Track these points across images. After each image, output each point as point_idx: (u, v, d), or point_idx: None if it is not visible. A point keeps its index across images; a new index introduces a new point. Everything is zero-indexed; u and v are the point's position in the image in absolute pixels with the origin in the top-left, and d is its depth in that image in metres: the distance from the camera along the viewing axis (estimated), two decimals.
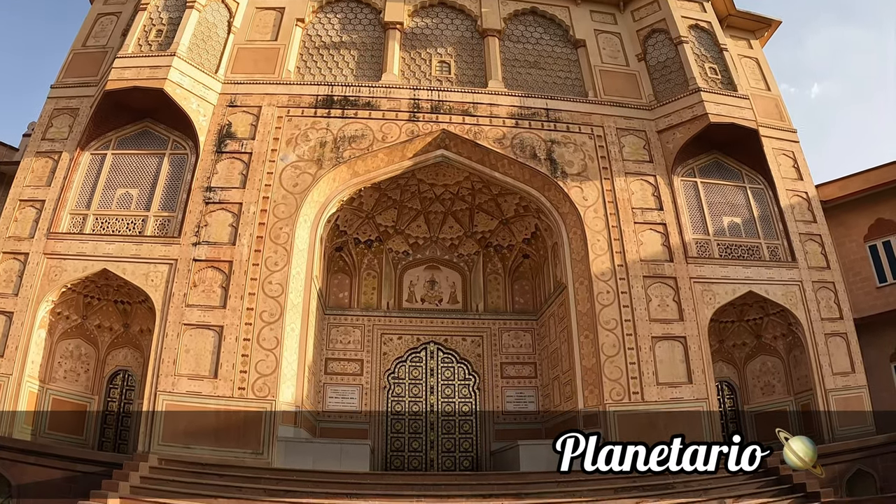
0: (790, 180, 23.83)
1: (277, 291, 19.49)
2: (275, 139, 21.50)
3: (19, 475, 15.78)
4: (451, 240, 26.38)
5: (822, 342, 21.25)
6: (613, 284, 20.79)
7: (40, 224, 19.79)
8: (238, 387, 18.31)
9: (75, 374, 20.26)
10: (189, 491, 15.03)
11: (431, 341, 25.52)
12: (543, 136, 22.71)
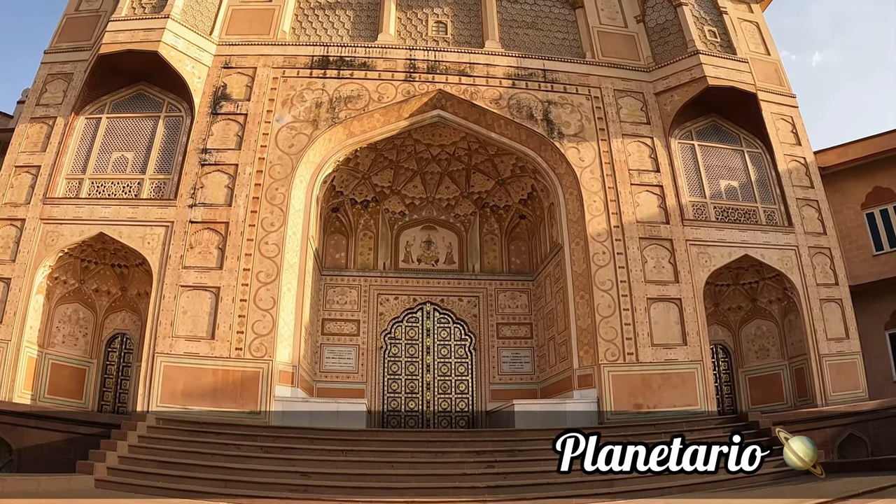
0: (788, 145, 23.70)
1: (274, 252, 19.53)
2: (270, 100, 21.36)
3: (20, 439, 16.02)
4: (447, 200, 26.35)
5: (816, 307, 21.34)
6: (609, 245, 20.83)
7: (36, 190, 19.76)
8: (235, 347, 18.45)
9: (74, 338, 20.37)
10: (186, 449, 15.26)
11: (428, 302, 25.61)
12: (540, 97, 22.58)
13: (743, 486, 13.90)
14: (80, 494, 12.16)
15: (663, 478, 14.13)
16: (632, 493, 13.50)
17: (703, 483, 14.09)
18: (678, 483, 13.99)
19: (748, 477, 14.31)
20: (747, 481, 14.26)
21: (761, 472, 14.55)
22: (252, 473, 14.16)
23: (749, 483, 14.18)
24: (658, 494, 13.56)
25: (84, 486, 13.15)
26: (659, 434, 16.76)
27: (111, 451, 14.49)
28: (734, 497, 12.62)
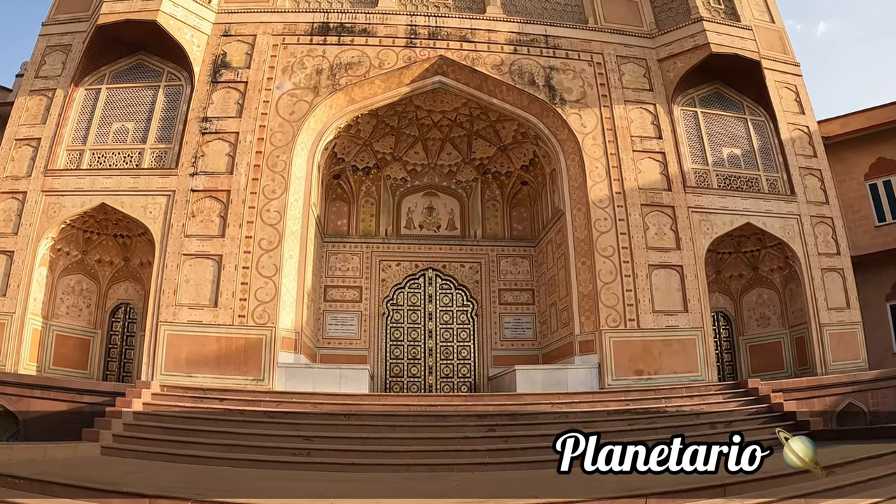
0: (792, 114, 23.51)
1: (276, 219, 19.56)
2: (270, 68, 21.25)
3: (26, 409, 16.19)
4: (449, 166, 26.31)
5: (818, 277, 21.39)
6: (611, 212, 20.82)
7: (37, 162, 19.78)
8: (238, 314, 18.56)
9: (77, 309, 20.53)
10: (191, 415, 15.41)
11: (430, 268, 25.69)
12: (542, 63, 22.41)
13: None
14: (86, 461, 12.31)
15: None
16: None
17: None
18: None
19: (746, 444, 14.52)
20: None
21: (760, 439, 14.72)
22: (256, 438, 14.31)
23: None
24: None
25: (90, 453, 13.33)
26: (659, 399, 16.98)
27: (116, 418, 14.66)
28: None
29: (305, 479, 11.50)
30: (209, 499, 8.83)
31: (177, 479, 10.56)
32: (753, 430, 15.48)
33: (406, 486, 10.93)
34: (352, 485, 10.77)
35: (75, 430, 14.86)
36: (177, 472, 11.68)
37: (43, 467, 10.57)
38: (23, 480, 9.52)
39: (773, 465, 10.92)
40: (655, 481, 9.93)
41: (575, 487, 9.72)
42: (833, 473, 10.35)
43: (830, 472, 10.36)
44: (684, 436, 14.33)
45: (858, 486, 9.91)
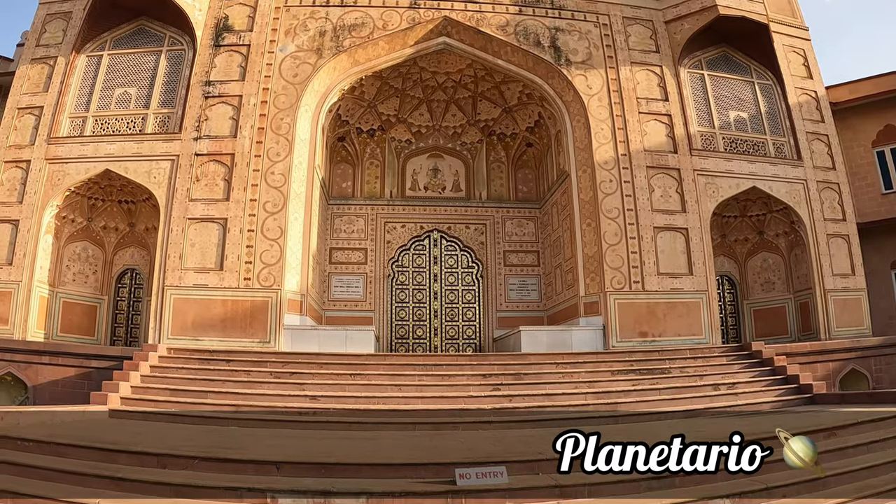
0: (799, 78, 23.26)
1: (280, 182, 19.53)
2: (273, 30, 21.06)
3: (34, 376, 16.40)
4: (453, 128, 26.19)
5: (823, 242, 21.37)
6: (616, 173, 20.73)
7: (40, 130, 19.77)
8: (244, 277, 18.63)
9: (84, 276, 20.65)
10: (198, 377, 15.55)
11: (435, 229, 25.69)
12: (547, 24, 22.18)
13: (745, 413, 14.15)
14: (95, 424, 12.44)
15: (666, 402, 14.47)
16: (636, 417, 13.71)
17: (705, 409, 14.39)
18: (681, 408, 14.26)
19: (749, 405, 14.66)
20: (748, 409, 14.56)
21: (763, 401, 14.92)
22: (262, 398, 14.46)
23: (751, 411, 14.46)
24: (662, 419, 13.76)
25: (98, 416, 13.44)
26: (663, 361, 17.04)
27: (124, 381, 14.77)
28: (738, 421, 12.80)
29: (312, 437, 11.61)
30: (216, 456, 8.94)
31: (184, 438, 10.68)
32: (757, 392, 15.67)
33: (412, 443, 11.03)
34: (358, 443, 10.87)
35: (83, 395, 14.98)
36: (184, 432, 11.81)
37: (52, 430, 10.68)
38: (32, 443, 9.63)
39: (774, 426, 11.04)
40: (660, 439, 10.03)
41: None
42: (834, 436, 10.43)
43: (832, 434, 10.46)
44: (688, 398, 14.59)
45: (859, 449, 9.96)
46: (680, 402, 14.66)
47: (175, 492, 8.04)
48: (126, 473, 8.45)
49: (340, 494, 7.81)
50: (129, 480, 8.28)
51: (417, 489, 7.99)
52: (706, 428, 11.77)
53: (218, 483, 8.13)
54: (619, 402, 14.49)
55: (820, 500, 8.15)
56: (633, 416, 13.79)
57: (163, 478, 8.35)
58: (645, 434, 10.83)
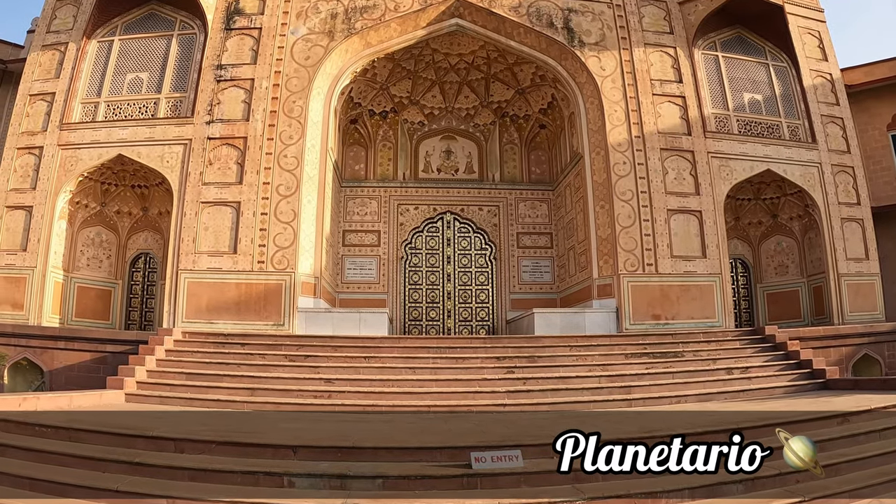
0: (814, 60, 23.04)
1: (293, 164, 19.56)
2: (284, 13, 21.02)
3: (50, 361, 16.59)
4: (466, 110, 26.13)
5: (837, 226, 21.25)
6: (630, 155, 20.65)
7: (52, 116, 19.86)
8: (257, 260, 18.72)
9: (98, 260, 20.82)
10: (213, 360, 15.68)
11: (448, 211, 25.70)
12: (560, 5, 22.01)
13: (757, 398, 14.17)
14: (112, 408, 12.56)
15: (679, 386, 14.51)
16: (649, 401, 13.75)
17: (718, 393, 14.43)
18: (694, 392, 14.30)
19: (762, 390, 14.66)
20: (761, 393, 14.57)
21: (776, 386, 14.92)
22: (277, 381, 14.58)
23: (764, 395, 14.48)
24: (675, 402, 13.83)
25: (115, 400, 13.61)
26: (676, 344, 17.03)
27: (140, 365, 14.90)
28: (751, 405, 12.83)
29: (328, 420, 11.68)
30: (232, 440, 9.01)
31: (200, 422, 10.77)
32: (770, 376, 15.67)
33: (426, 426, 11.09)
34: (373, 426, 10.94)
35: (99, 380, 15.19)
36: (200, 416, 11.92)
37: (69, 415, 10.79)
38: (50, 429, 9.72)
39: (788, 411, 11.05)
40: (674, 424, 10.08)
41: (593, 429, 9.88)
42: (847, 422, 10.42)
43: (845, 420, 10.44)
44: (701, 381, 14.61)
45: (871, 436, 9.94)
46: (693, 385, 14.68)
47: (192, 476, 8.12)
48: (144, 458, 8.53)
49: (357, 478, 7.88)
50: (147, 465, 8.36)
51: (433, 473, 8.04)
52: (718, 412, 11.80)
53: (234, 467, 8.20)
54: (632, 385, 14.49)
55: (833, 486, 8.14)
56: (647, 399, 13.81)
57: (180, 462, 8.43)
58: (657, 419, 10.90)
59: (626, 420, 10.97)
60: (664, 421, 10.57)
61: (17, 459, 8.98)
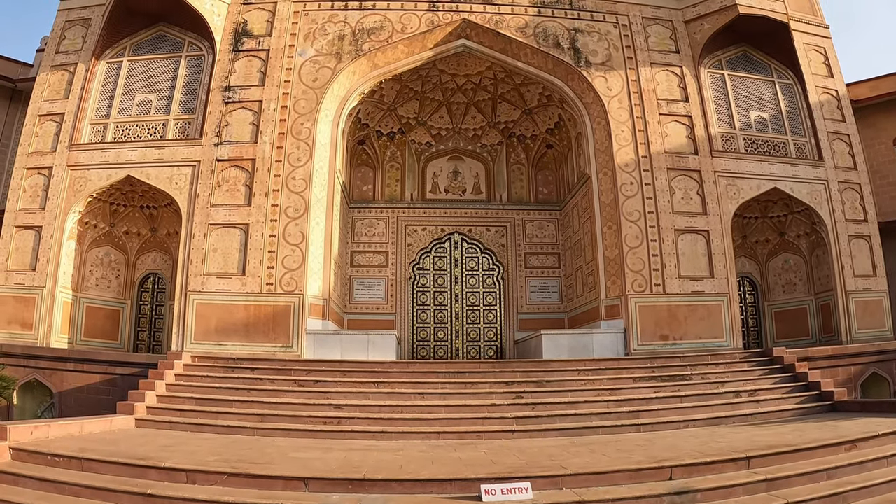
0: (820, 77, 23.11)
1: (301, 187, 19.67)
2: (292, 35, 21.21)
3: (59, 382, 16.71)
4: (473, 130, 26.26)
5: (845, 243, 21.28)
6: (637, 175, 20.71)
7: (61, 137, 20.08)
8: (266, 282, 18.81)
9: (107, 280, 20.95)
10: (222, 385, 15.70)
11: (455, 232, 25.78)
12: (567, 25, 22.15)
13: (766, 422, 14.14)
14: (123, 435, 12.60)
15: (688, 410, 14.51)
16: (657, 425, 13.77)
17: (726, 417, 14.39)
18: (702, 416, 14.29)
19: (770, 413, 14.65)
20: (770, 417, 14.55)
21: (784, 409, 14.91)
22: (287, 407, 14.57)
23: (772, 419, 14.46)
24: (683, 426, 13.82)
25: (125, 426, 13.65)
26: (684, 367, 17.05)
27: (149, 390, 14.95)
28: (759, 430, 12.82)
29: (337, 448, 11.70)
30: (244, 472, 9.05)
31: (211, 451, 10.79)
32: (778, 399, 15.63)
33: (436, 454, 11.08)
34: (384, 454, 10.95)
35: (108, 402, 15.31)
36: (211, 443, 11.94)
37: (81, 443, 10.84)
38: (62, 458, 9.78)
39: (796, 437, 11.07)
40: (682, 452, 10.11)
41: (601, 459, 9.92)
42: (855, 448, 10.43)
43: (853, 447, 10.46)
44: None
45: (880, 462, 9.96)
46: (702, 409, 14.65)
47: None
48: (156, 490, 8.60)
49: None
50: (160, 497, 8.43)
51: None
52: (726, 437, 11.82)
53: (246, 499, 8.27)
54: (640, 409, 14.46)
55: None
56: (655, 424, 13.81)
57: (193, 494, 8.49)
58: (665, 447, 10.91)
59: (635, 448, 10.98)
60: (672, 450, 10.57)
61: (31, 489, 9.10)
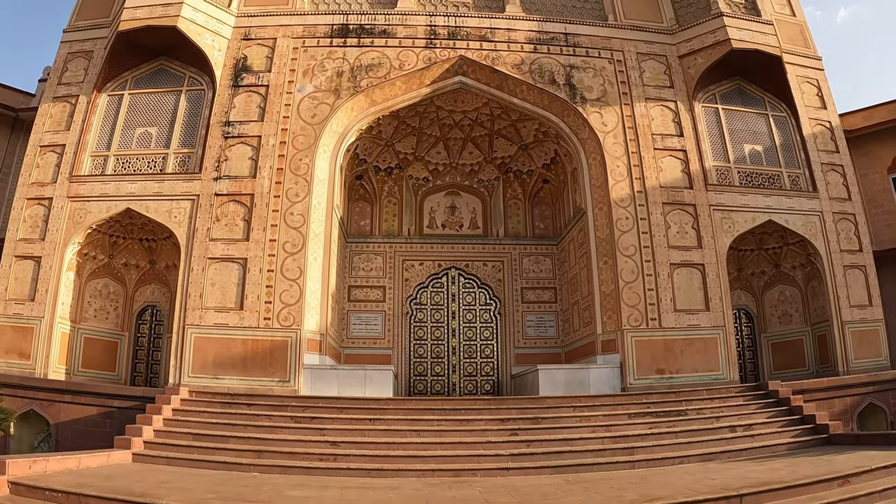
0: (813, 109, 23.38)
1: (299, 222, 19.82)
2: (291, 71, 21.48)
3: (56, 414, 16.71)
4: (470, 165, 26.47)
5: (840, 274, 21.35)
6: (632, 210, 20.87)
7: (62, 168, 20.24)
8: (263, 317, 18.88)
9: (105, 312, 20.98)
10: (219, 421, 15.71)
11: (453, 267, 25.90)
12: (562, 61, 22.45)
13: (760, 457, 14.16)
14: (120, 470, 12.63)
15: (683, 446, 14.53)
16: (652, 462, 13.79)
17: (721, 452, 14.40)
18: (697, 452, 14.31)
19: (765, 447, 14.68)
20: (764, 451, 14.57)
21: (779, 443, 14.93)
22: (283, 444, 14.58)
23: (766, 453, 14.48)
24: (678, 462, 13.84)
25: (122, 460, 13.67)
26: (680, 402, 17.09)
27: (147, 425, 14.99)
28: (753, 465, 12.85)
29: (333, 485, 11.72)
30: None
31: (208, 488, 10.81)
32: (773, 433, 15.64)
33: (432, 492, 11.12)
34: (379, 492, 10.99)
35: (105, 434, 15.36)
36: (208, 479, 11.95)
37: (79, 478, 10.88)
38: (60, 493, 9.81)
39: (789, 473, 11.12)
40: (675, 490, 10.16)
41: (594, 497, 9.97)
42: (848, 483, 10.48)
43: (846, 481, 10.51)
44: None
45: (872, 497, 10.01)
46: (696, 445, 14.66)
47: None
48: None
49: None
50: None
51: None
52: (720, 474, 11.85)
53: None
54: (635, 446, 14.48)
55: None
56: (650, 461, 13.83)
57: None
58: (659, 485, 10.95)
59: (629, 486, 11.03)
60: (666, 487, 10.62)
61: None
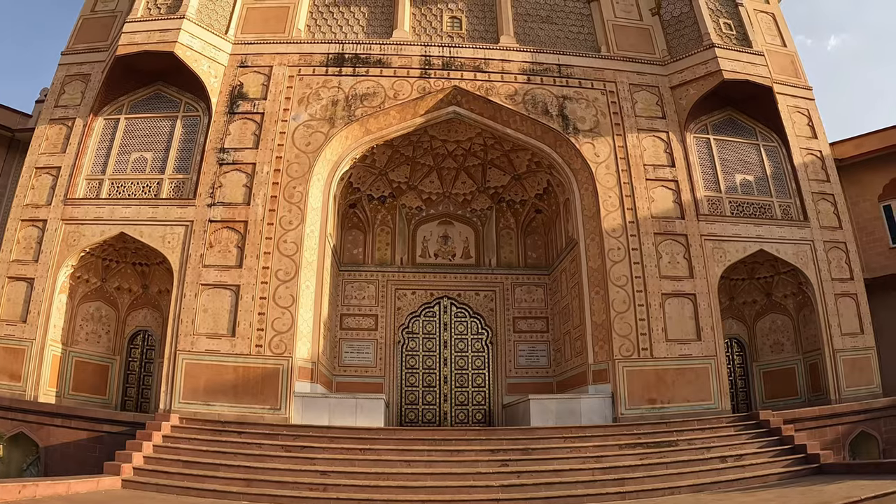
0: (804, 138, 23.60)
1: (292, 250, 19.84)
2: (286, 99, 21.63)
3: (46, 437, 16.62)
4: (463, 195, 26.56)
5: (831, 302, 21.39)
6: (624, 241, 20.94)
7: (57, 191, 20.25)
8: (255, 344, 18.82)
9: (97, 335, 20.88)
10: (209, 449, 15.66)
11: (445, 296, 25.91)
12: (555, 92, 22.65)
13: (751, 487, 14.15)
14: (110, 496, 12.56)
15: (673, 477, 14.51)
16: (642, 493, 13.77)
17: (712, 483, 14.38)
18: (688, 483, 14.28)
19: (756, 478, 14.66)
20: (755, 482, 14.55)
21: (770, 473, 14.92)
22: (273, 473, 14.53)
23: (757, 484, 14.46)
24: (668, 493, 13.82)
25: (112, 486, 13.61)
26: (671, 433, 17.06)
27: (137, 451, 14.94)
28: (743, 497, 12.84)
29: None
30: None
31: None
32: (764, 463, 15.64)
33: None
34: None
35: (95, 459, 15.31)
36: None
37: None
38: None
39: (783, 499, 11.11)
40: None
41: None
42: None
43: None
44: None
45: None
46: (687, 476, 14.64)
47: None
48: None
49: None
50: None
51: None
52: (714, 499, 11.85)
53: None
54: (626, 477, 14.45)
55: None
56: (640, 492, 13.80)
57: None
58: None
59: None
60: None
61: None
